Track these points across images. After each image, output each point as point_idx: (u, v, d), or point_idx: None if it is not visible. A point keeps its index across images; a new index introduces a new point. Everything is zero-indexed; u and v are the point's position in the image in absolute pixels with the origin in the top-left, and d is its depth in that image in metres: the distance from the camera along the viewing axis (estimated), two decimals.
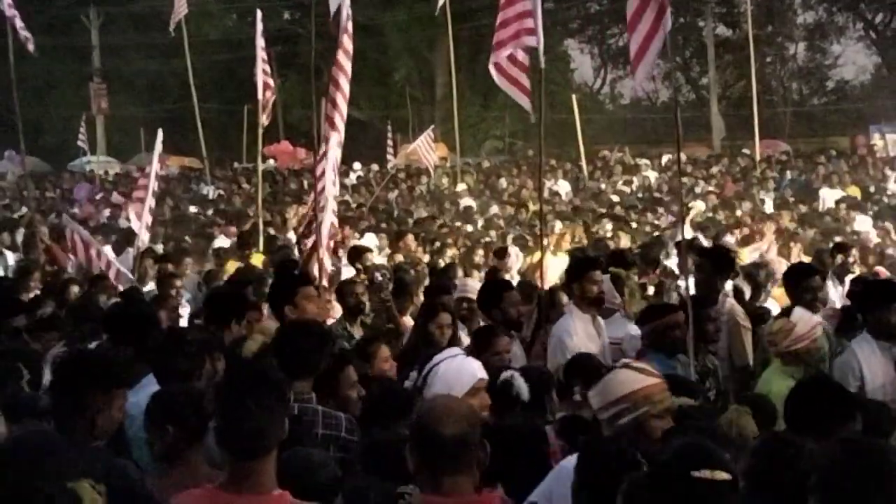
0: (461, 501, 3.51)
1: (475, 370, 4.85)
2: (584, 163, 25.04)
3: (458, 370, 4.79)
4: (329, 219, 9.50)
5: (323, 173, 9.41)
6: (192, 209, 22.29)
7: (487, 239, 14.87)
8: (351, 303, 8.23)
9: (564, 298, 8.02)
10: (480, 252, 12.80)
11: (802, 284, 7.21)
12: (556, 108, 32.26)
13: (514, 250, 13.22)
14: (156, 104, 41.28)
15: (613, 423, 4.33)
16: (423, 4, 33.21)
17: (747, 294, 9.73)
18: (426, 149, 19.90)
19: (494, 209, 19.62)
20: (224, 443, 3.51)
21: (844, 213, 16.00)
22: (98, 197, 26.39)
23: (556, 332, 7.27)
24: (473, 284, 8.75)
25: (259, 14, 15.22)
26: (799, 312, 6.45)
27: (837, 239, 12.92)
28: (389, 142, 27.88)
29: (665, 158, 28.99)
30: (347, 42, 9.75)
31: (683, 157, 29.30)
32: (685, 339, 6.61)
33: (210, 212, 21.93)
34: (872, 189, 20.07)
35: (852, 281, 9.76)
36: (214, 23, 42.41)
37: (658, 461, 3.24)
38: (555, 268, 10.85)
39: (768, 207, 17.68)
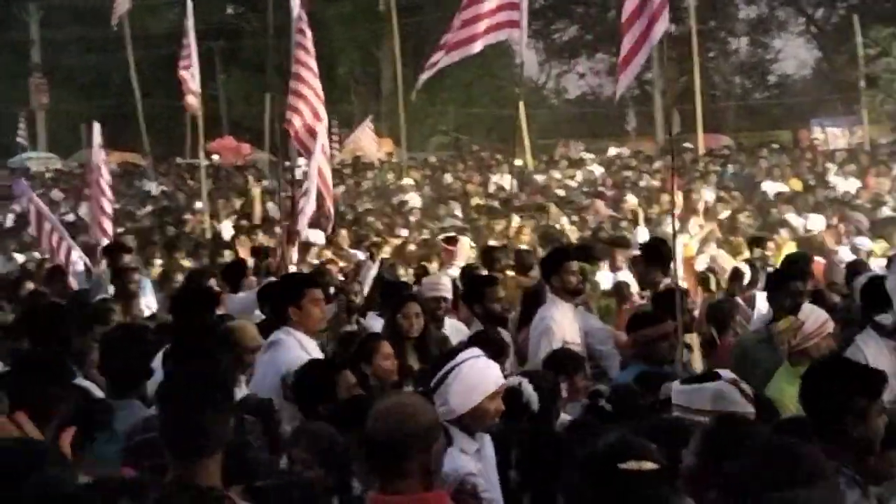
0: (405, 500, 3.49)
1: (497, 374, 4.73)
2: (529, 157, 25.16)
3: (482, 372, 4.65)
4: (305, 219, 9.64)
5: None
6: (129, 207, 22.08)
7: (425, 236, 14.90)
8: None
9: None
10: (412, 247, 12.85)
11: (784, 288, 6.86)
12: (502, 103, 32.39)
13: (466, 241, 13.27)
14: (98, 99, 40.83)
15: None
16: None
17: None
18: (368, 139, 19.90)
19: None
20: (170, 441, 3.48)
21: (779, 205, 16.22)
22: (38, 193, 26.03)
23: (543, 321, 7.21)
24: (447, 282, 8.55)
25: (190, 6, 14.95)
26: (808, 308, 6.16)
27: (780, 232, 13.12)
28: (335, 136, 27.80)
29: (611, 152, 29.31)
30: (304, 38, 9.86)
31: (627, 151, 29.67)
32: (673, 350, 6.52)
33: (149, 208, 21.77)
34: (813, 182, 20.39)
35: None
36: (157, 17, 42.01)
37: (585, 456, 3.28)
38: None
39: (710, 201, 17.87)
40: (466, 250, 12.83)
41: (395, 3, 24.11)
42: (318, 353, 6.29)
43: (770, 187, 19.39)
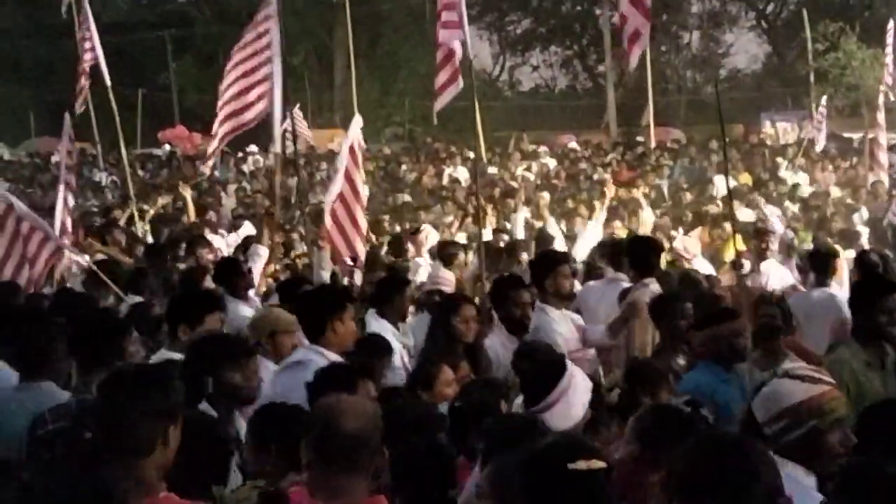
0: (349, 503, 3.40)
1: (589, 386, 4.70)
2: (483, 149, 25.15)
3: (586, 382, 4.63)
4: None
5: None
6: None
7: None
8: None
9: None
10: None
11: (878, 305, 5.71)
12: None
13: (428, 228, 13.21)
14: (46, 88, 40.26)
15: (779, 439, 3.75)
16: None
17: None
18: (300, 127, 19.67)
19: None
20: (100, 440, 3.41)
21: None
22: None
23: (544, 334, 6.67)
24: (447, 275, 8.36)
25: None
26: None
27: (724, 226, 13.14)
28: (288, 127, 27.58)
29: (573, 144, 29.41)
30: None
31: (575, 144, 29.69)
32: (745, 348, 6.10)
33: (91, 201, 21.45)
34: (766, 176, 20.55)
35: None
36: (106, 6, 41.50)
37: (528, 458, 3.22)
38: None
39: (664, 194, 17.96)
40: (432, 239, 12.82)
41: None
42: None
43: (721, 181, 19.50)
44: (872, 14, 36.63)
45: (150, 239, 13.50)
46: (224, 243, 12.97)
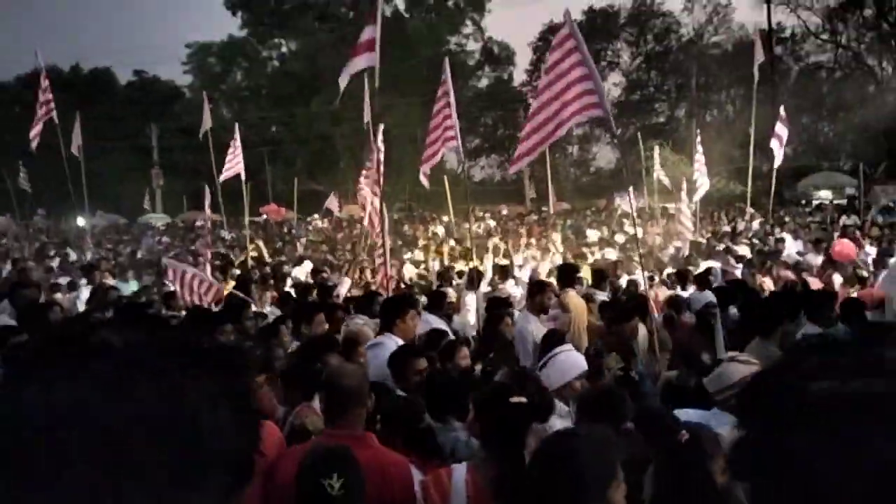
0: (352, 434, 3.05)
1: (582, 363, 4.08)
2: (451, 216, 25.26)
3: (571, 361, 4.05)
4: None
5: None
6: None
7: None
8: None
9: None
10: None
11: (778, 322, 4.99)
12: (434, 184, 32.29)
13: (408, 265, 13.04)
14: (194, 180, 40.19)
15: (727, 403, 3.50)
16: (354, 104, 32.95)
17: None
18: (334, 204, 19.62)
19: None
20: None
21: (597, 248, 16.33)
22: (157, 239, 25.48)
23: (521, 332, 6.10)
24: (450, 292, 7.84)
25: (237, 128, 14.86)
26: None
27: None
28: (336, 204, 27.74)
29: (505, 212, 29.40)
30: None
31: (505, 210, 29.43)
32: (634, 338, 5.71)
33: (220, 249, 21.35)
34: (616, 229, 20.67)
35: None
36: (229, 132, 41.45)
37: (481, 395, 3.12)
38: None
39: (558, 243, 17.98)
40: (409, 271, 12.71)
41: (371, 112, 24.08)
42: None
43: (591, 233, 19.68)
44: (679, 135, 37.16)
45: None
46: (294, 273, 12.93)
